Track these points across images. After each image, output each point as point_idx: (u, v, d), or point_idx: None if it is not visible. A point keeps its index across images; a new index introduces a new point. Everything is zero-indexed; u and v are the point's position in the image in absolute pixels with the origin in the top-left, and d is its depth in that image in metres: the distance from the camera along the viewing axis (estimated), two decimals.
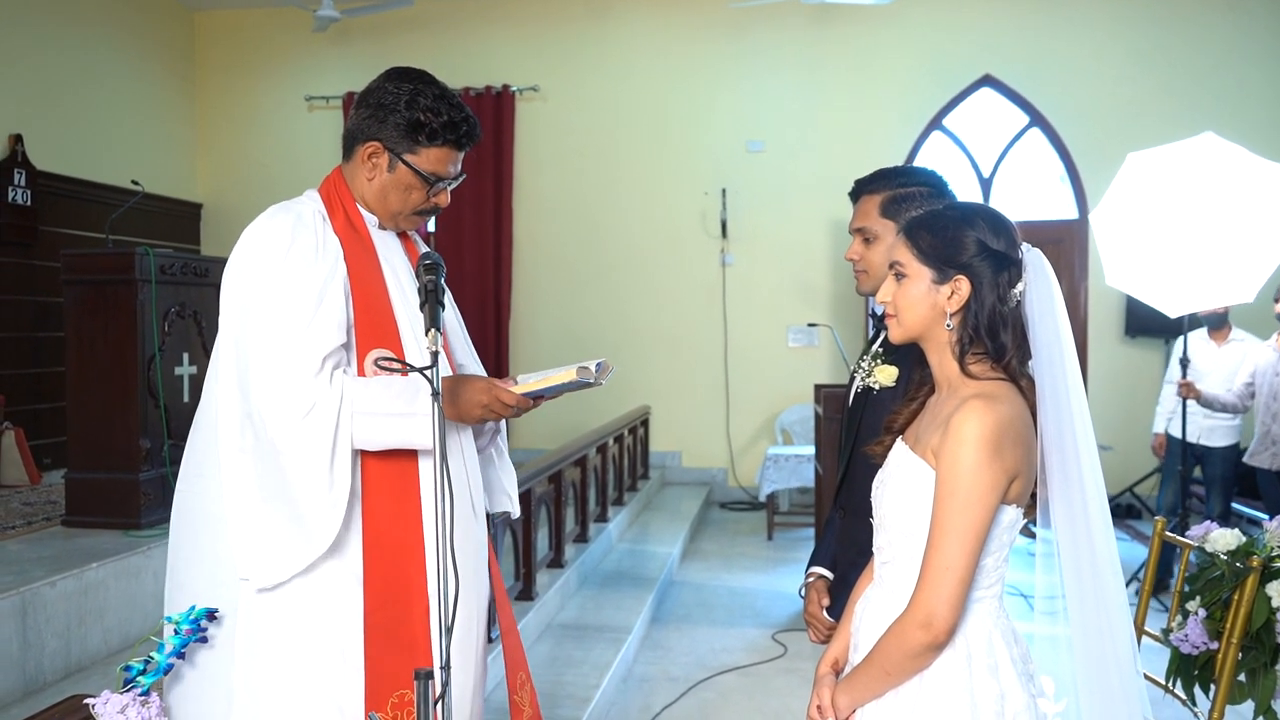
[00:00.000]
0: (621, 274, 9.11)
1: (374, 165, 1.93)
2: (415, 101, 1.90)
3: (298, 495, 1.76)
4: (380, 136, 1.91)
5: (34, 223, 7.43)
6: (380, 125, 1.91)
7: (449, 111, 1.92)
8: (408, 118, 1.89)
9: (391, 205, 1.95)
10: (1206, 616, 2.47)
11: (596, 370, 1.83)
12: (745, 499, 8.75)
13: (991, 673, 1.56)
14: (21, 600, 3.30)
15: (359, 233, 1.94)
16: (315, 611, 1.80)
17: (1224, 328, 5.83)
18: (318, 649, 1.80)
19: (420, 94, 1.91)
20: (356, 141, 1.95)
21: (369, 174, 1.94)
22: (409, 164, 1.91)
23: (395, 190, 1.94)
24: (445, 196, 1.99)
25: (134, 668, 1.64)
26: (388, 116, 1.91)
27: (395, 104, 1.90)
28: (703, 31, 8.97)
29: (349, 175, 1.98)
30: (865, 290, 2.15)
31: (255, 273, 1.83)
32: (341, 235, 1.91)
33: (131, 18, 8.74)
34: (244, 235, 1.88)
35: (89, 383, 4.21)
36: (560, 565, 5.29)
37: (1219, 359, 5.81)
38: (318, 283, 1.83)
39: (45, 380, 7.38)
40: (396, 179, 1.93)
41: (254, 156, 9.57)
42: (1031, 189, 8.84)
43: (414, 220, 2.01)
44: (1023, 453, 1.54)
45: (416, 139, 1.90)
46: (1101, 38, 8.43)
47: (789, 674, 4.57)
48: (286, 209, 1.91)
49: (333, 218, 1.93)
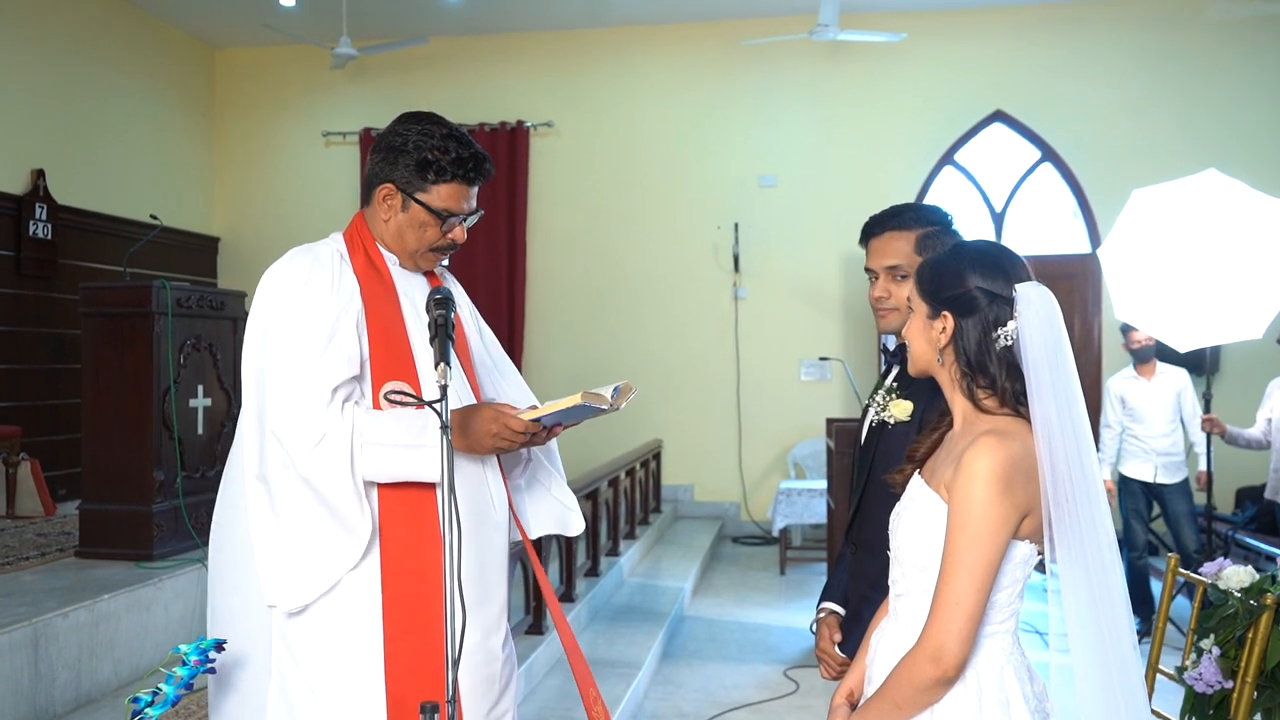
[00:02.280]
0: (634, 308, 9.14)
1: (389, 206, 1.99)
2: (423, 141, 1.96)
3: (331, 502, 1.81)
4: (393, 178, 1.98)
5: (54, 256, 7.53)
6: (392, 167, 1.98)
7: (456, 148, 1.97)
8: (416, 158, 1.96)
9: (409, 244, 2.01)
10: (1221, 655, 2.45)
11: (612, 395, 1.84)
12: (758, 533, 8.71)
13: (1003, 709, 1.55)
14: (34, 631, 3.30)
15: (379, 271, 2.00)
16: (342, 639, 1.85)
17: (1150, 361, 5.77)
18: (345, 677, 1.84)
19: (428, 134, 1.97)
20: (373, 185, 2.01)
21: (385, 215, 2.00)
22: (421, 202, 1.97)
23: (410, 229, 1.99)
24: (461, 232, 2.04)
25: (142, 699, 1.64)
26: (398, 158, 1.97)
27: (404, 145, 1.97)
28: (715, 68, 9.06)
29: (369, 218, 2.04)
30: (888, 329, 2.14)
31: (272, 309, 1.90)
32: (360, 274, 1.97)
33: (153, 55, 8.91)
34: (265, 276, 1.96)
35: (104, 414, 4.24)
36: (571, 599, 5.27)
37: (1151, 393, 5.75)
38: (330, 317, 1.88)
39: (63, 411, 7.43)
40: (411, 217, 1.98)
41: (271, 191, 9.68)
42: (1044, 224, 8.86)
43: (432, 258, 2.06)
44: (1035, 489, 1.55)
45: (426, 177, 1.96)
46: (1112, 73, 8.48)
47: (801, 711, 4.52)
48: (306, 250, 1.98)
49: (353, 257, 1.99)
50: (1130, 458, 5.82)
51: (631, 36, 9.19)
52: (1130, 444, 5.81)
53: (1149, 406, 5.74)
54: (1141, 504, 5.82)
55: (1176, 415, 5.73)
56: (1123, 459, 5.85)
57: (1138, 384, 5.80)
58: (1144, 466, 5.75)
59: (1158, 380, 5.76)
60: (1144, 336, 5.61)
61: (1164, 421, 5.71)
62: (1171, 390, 5.74)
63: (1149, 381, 5.77)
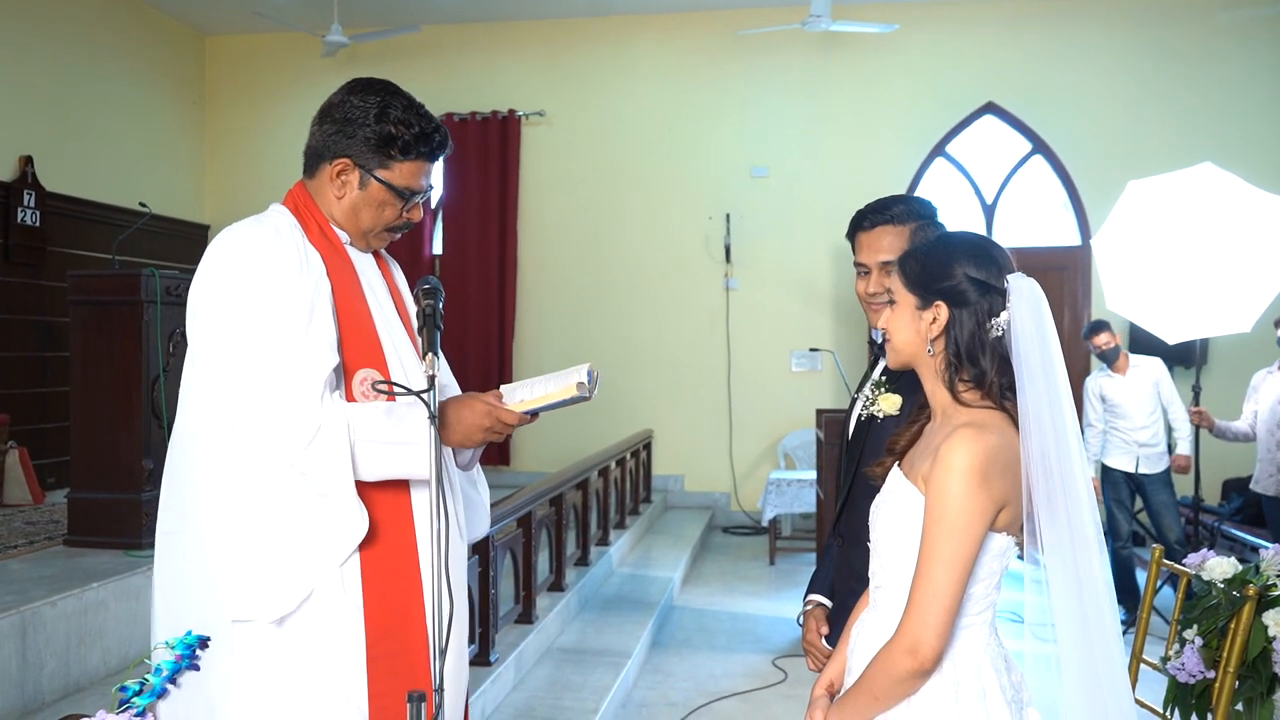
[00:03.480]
0: (625, 298, 9.14)
1: (344, 183, 1.84)
2: (385, 114, 1.82)
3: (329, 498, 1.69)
4: (349, 153, 1.83)
5: (43, 243, 7.50)
6: (349, 141, 1.82)
7: (420, 123, 1.84)
8: (378, 131, 1.81)
9: (363, 223, 1.87)
10: (1203, 645, 2.47)
11: (588, 379, 1.77)
12: (748, 523, 8.73)
13: (979, 699, 1.56)
14: (21, 620, 3.30)
15: (336, 248, 1.85)
16: (319, 646, 1.74)
17: (1120, 356, 5.83)
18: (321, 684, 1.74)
19: (389, 106, 1.83)
20: (322, 159, 1.85)
21: (338, 192, 1.85)
22: (382, 180, 1.83)
23: (368, 207, 1.85)
24: (418, 211, 1.90)
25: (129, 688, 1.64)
26: (356, 131, 1.82)
27: (364, 118, 1.82)
28: (708, 58, 9.04)
29: (315, 192, 1.88)
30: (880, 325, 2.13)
31: (234, 289, 1.71)
32: (320, 249, 1.81)
33: (143, 41, 8.85)
34: (217, 250, 1.76)
35: (93, 403, 4.24)
36: (561, 589, 5.28)
37: (1129, 387, 5.80)
38: (305, 298, 1.73)
39: (51, 400, 7.41)
40: (369, 196, 1.84)
41: (261, 179, 9.61)
42: (1034, 216, 8.87)
43: (385, 237, 1.92)
44: (1011, 481, 1.56)
45: (389, 153, 1.82)
46: (1104, 65, 8.49)
47: (789, 700, 4.55)
48: (261, 221, 1.81)
49: (307, 232, 1.83)
50: (1112, 449, 5.87)
51: (624, 26, 9.16)
52: (1113, 436, 5.86)
53: (1128, 400, 5.78)
54: (1124, 494, 5.87)
55: (1156, 405, 5.78)
56: (1105, 450, 5.90)
57: (1114, 380, 5.85)
58: (1125, 457, 5.81)
59: (1134, 374, 5.82)
60: (1105, 339, 5.72)
61: (1144, 414, 5.75)
62: (1148, 381, 5.79)
63: (1124, 377, 5.83)
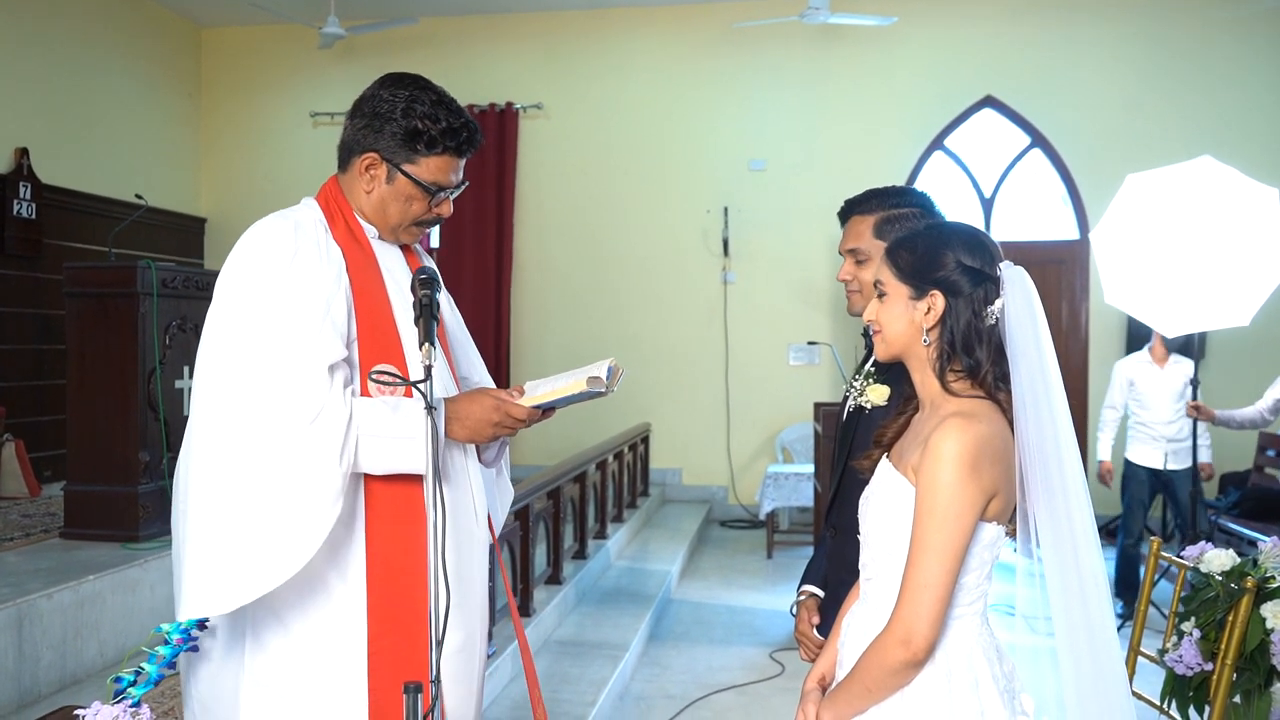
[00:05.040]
0: (623, 291, 9.13)
1: (372, 177, 1.85)
2: (412, 109, 1.82)
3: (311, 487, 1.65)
4: (377, 147, 1.84)
5: (39, 236, 7.48)
6: (377, 135, 1.83)
7: (447, 117, 1.84)
8: (405, 126, 1.82)
9: (391, 217, 1.88)
10: (1201, 637, 2.47)
11: (607, 377, 1.76)
12: (745, 517, 8.74)
13: (972, 689, 1.56)
14: (18, 612, 3.30)
15: (360, 244, 1.86)
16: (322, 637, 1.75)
17: (1165, 348, 5.74)
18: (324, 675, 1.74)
19: (417, 100, 1.83)
20: (353, 153, 1.87)
21: (367, 186, 1.86)
22: (408, 174, 1.84)
23: (395, 202, 1.86)
24: (447, 206, 1.91)
25: (125, 679, 1.64)
26: (384, 126, 1.83)
27: (391, 112, 1.82)
28: (706, 51, 9.02)
29: (346, 187, 1.89)
30: (856, 310, 2.14)
31: (256, 280, 1.73)
32: (343, 244, 1.83)
33: (139, 33, 8.82)
34: (242, 242, 1.79)
35: (89, 395, 4.23)
36: (558, 582, 5.28)
37: (1163, 380, 5.73)
38: (323, 291, 1.75)
39: (48, 392, 7.39)
40: (396, 190, 1.85)
41: (258, 171, 9.62)
42: (1033, 209, 8.86)
43: (414, 232, 1.93)
44: (1001, 470, 1.55)
45: (415, 148, 1.83)
46: (1103, 59, 8.47)
47: (786, 693, 4.55)
48: (285, 216, 1.82)
49: (333, 227, 1.85)
50: (1137, 443, 5.76)
51: (622, 18, 9.14)
52: (1137, 430, 5.76)
53: (1158, 393, 5.70)
54: (1145, 493, 5.75)
55: (1184, 403, 5.67)
56: (1130, 444, 5.80)
57: (1150, 369, 5.75)
58: (1153, 453, 5.69)
59: (1170, 368, 5.73)
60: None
61: (1172, 410, 5.66)
62: (1182, 379, 5.68)
63: (1161, 369, 5.74)
